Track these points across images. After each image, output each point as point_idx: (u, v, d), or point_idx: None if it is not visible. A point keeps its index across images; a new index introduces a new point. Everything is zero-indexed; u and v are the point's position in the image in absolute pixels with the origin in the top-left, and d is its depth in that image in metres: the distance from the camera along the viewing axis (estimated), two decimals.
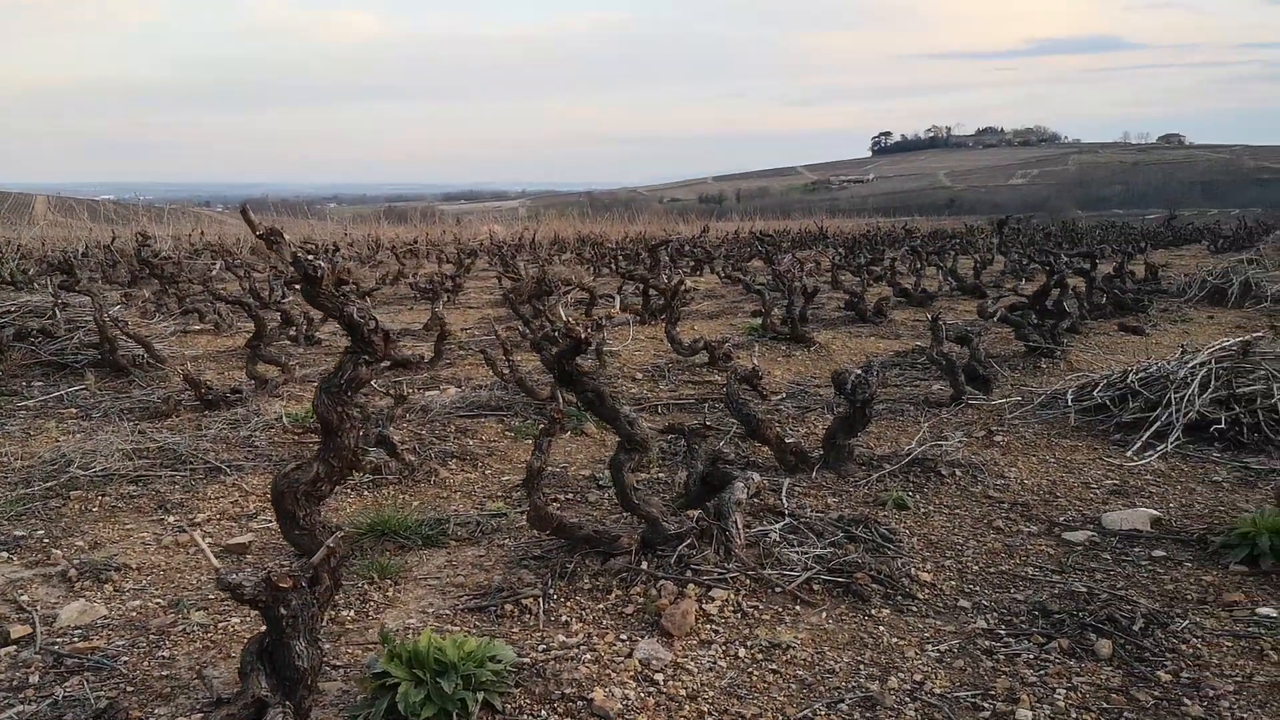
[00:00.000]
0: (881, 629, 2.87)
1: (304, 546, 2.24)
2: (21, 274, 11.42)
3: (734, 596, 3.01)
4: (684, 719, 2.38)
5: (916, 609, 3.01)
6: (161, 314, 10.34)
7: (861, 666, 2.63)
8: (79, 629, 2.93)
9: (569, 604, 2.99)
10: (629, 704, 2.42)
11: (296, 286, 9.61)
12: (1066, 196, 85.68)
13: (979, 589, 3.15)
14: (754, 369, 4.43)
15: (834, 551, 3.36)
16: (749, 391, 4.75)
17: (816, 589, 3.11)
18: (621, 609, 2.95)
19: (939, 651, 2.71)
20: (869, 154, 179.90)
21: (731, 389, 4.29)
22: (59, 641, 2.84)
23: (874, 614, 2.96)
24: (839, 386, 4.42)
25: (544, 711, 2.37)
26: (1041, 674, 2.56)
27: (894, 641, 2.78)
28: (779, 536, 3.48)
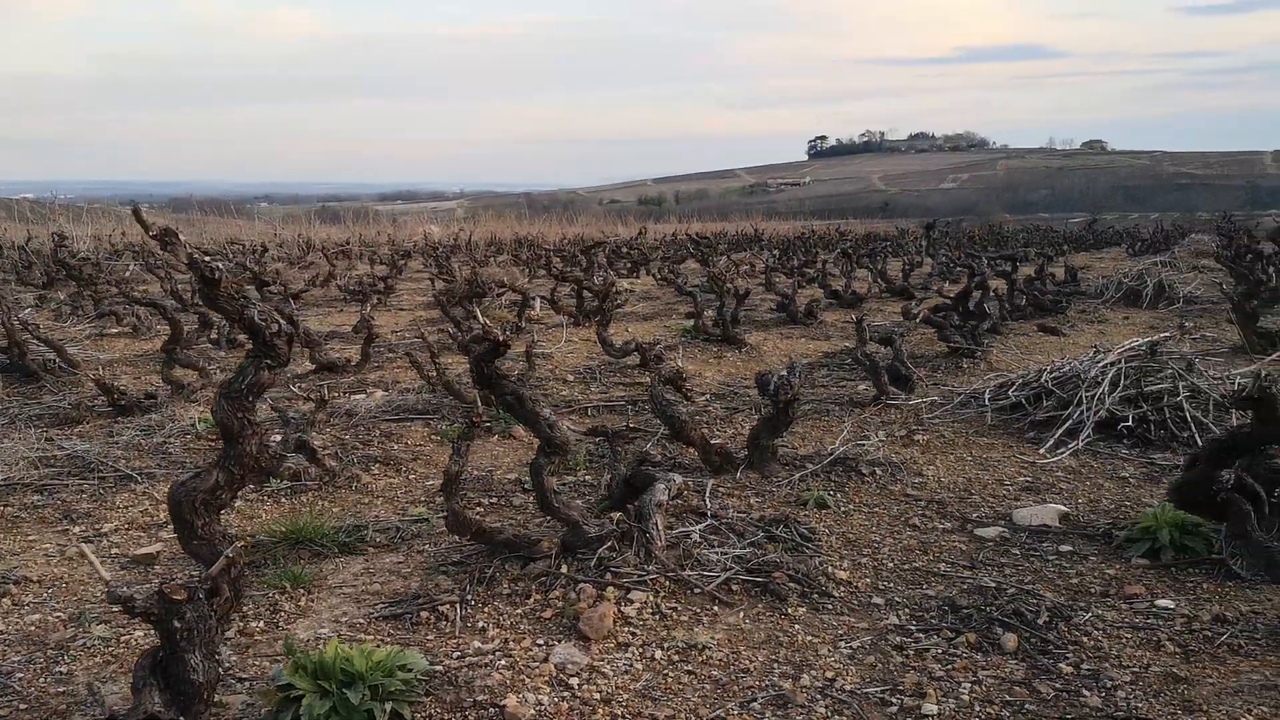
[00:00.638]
0: (797, 627, 2.90)
1: (203, 557, 2.18)
2: None
3: (653, 598, 3.02)
4: None
5: (832, 607, 3.05)
6: (77, 316, 9.98)
7: (776, 665, 2.66)
8: None
9: (487, 609, 2.96)
10: (542, 709, 2.41)
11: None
12: (995, 201, 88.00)
13: (893, 586, 3.21)
14: (678, 370, 4.45)
15: (754, 551, 3.39)
16: (674, 393, 4.77)
17: (735, 589, 3.13)
18: (540, 613, 2.94)
19: (851, 648, 2.75)
20: (805, 157, 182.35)
21: (656, 391, 4.31)
22: None
23: (790, 613, 3.00)
24: (762, 387, 4.47)
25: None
26: (948, 668, 2.62)
27: (809, 640, 2.81)
28: (700, 537, 3.50)
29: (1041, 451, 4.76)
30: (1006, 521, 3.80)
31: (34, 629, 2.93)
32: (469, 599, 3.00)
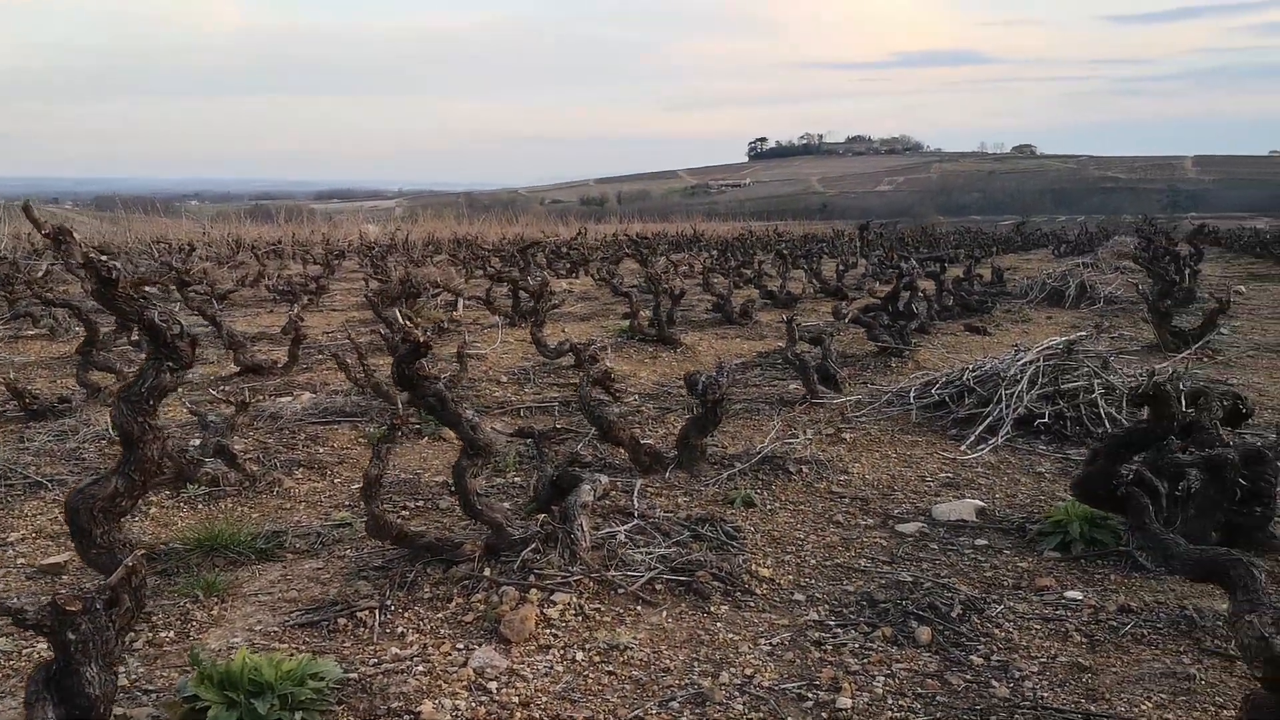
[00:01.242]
0: (719, 625, 2.92)
1: (103, 566, 2.11)
2: None
3: (576, 600, 3.01)
4: None
5: (754, 604, 3.08)
6: None
7: (696, 664, 2.67)
8: None
9: (407, 615, 2.92)
10: (459, 715, 2.38)
11: (148, 288, 9.05)
12: (930, 203, 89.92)
13: (814, 582, 3.25)
14: (607, 371, 4.45)
15: (679, 551, 3.41)
16: (604, 394, 4.78)
17: (659, 589, 3.14)
18: (461, 617, 2.91)
19: (771, 645, 2.78)
20: (746, 159, 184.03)
21: (584, 391, 4.30)
22: None
23: (713, 611, 3.01)
24: (691, 387, 4.49)
25: None
26: (864, 662, 2.66)
27: (730, 637, 2.83)
28: (626, 537, 3.50)
29: (963, 448, 4.88)
30: (926, 517, 3.88)
31: None
32: (389, 604, 2.96)
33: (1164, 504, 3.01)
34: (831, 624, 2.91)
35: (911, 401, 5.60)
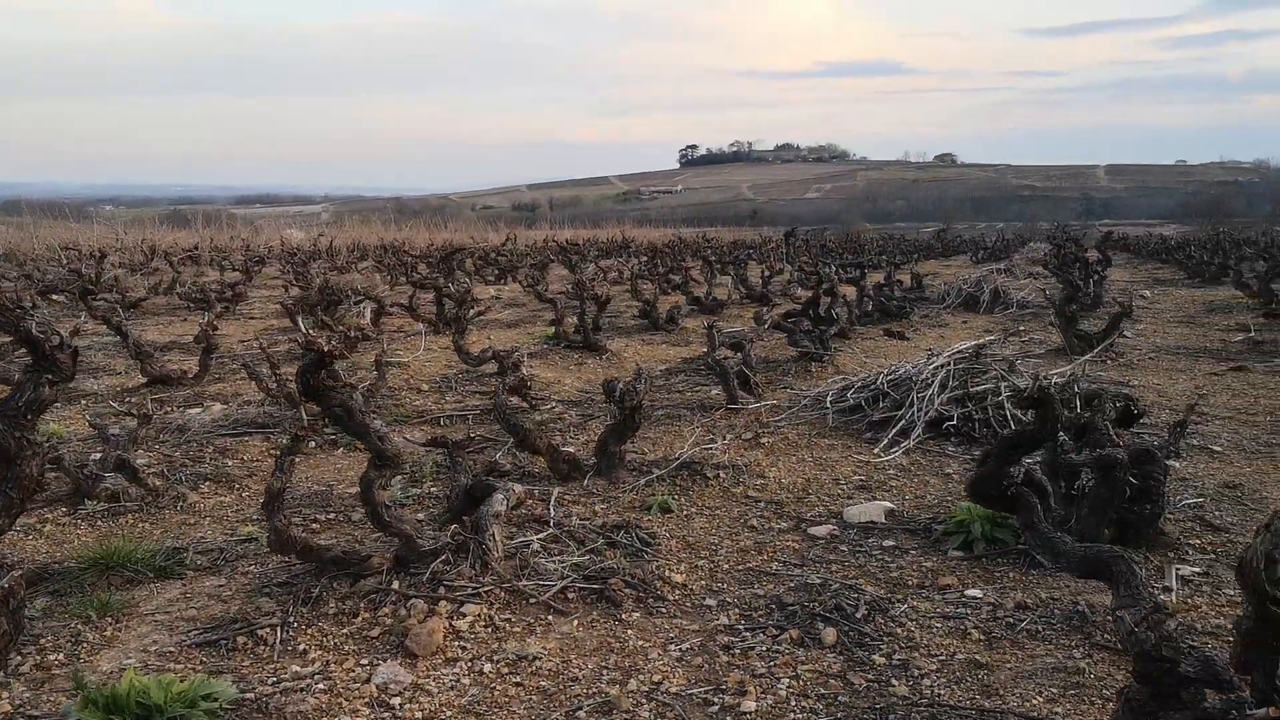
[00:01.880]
0: (630, 633, 2.92)
1: None
2: None
3: (487, 611, 2.98)
4: None
5: (666, 610, 3.09)
6: None
7: (605, 672, 2.67)
8: None
9: (310, 631, 2.86)
10: None
11: (55, 296, 8.66)
12: (856, 210, 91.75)
13: (726, 587, 3.28)
14: (523, 379, 4.43)
15: (593, 559, 3.41)
16: (521, 401, 4.75)
17: (572, 597, 3.13)
18: (367, 632, 2.85)
19: (681, 651, 2.80)
20: (677, 165, 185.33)
21: (499, 399, 4.27)
22: None
23: (625, 618, 3.02)
24: (609, 394, 4.49)
25: None
26: (771, 665, 2.69)
27: (640, 644, 2.84)
28: (540, 546, 3.48)
29: (876, 451, 4.98)
30: (838, 520, 3.95)
31: None
32: (292, 621, 2.89)
33: (1052, 503, 3.12)
34: (741, 628, 2.93)
35: (828, 406, 5.70)
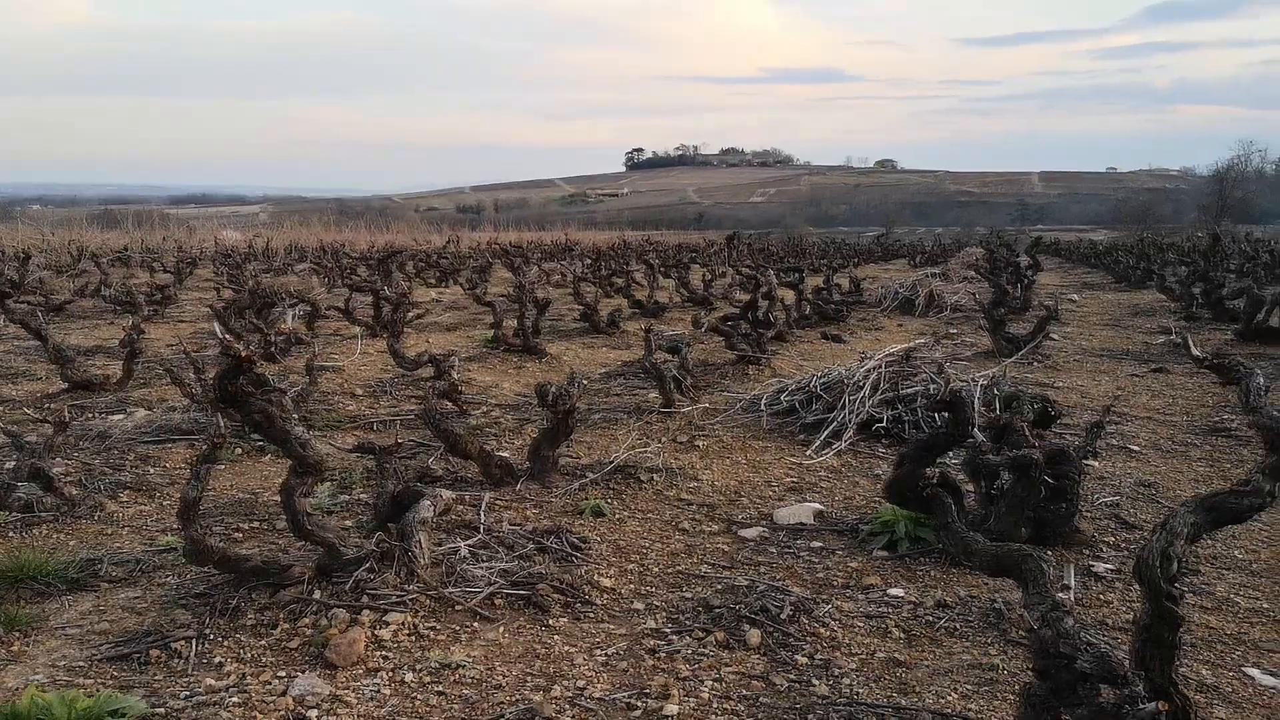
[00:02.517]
0: (557, 638, 2.91)
1: None
2: None
3: (411, 619, 2.94)
4: None
5: (594, 615, 3.08)
6: None
7: (529, 678, 2.66)
8: None
9: (227, 643, 2.79)
10: None
11: None
12: (800, 214, 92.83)
13: (655, 590, 3.29)
14: (454, 383, 4.38)
15: (521, 564, 3.38)
16: (451, 406, 4.70)
17: (499, 603, 3.11)
18: (286, 644, 2.80)
19: (607, 655, 2.79)
20: (623, 169, 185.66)
21: (429, 404, 4.22)
22: None
23: (552, 624, 3.00)
24: (542, 398, 4.47)
25: None
26: (695, 667, 2.70)
27: (566, 650, 2.83)
28: (469, 553, 3.45)
29: (809, 453, 5.04)
30: (768, 522, 3.99)
31: None
32: (208, 633, 2.82)
33: (967, 503, 3.19)
34: (668, 631, 2.94)
35: (763, 409, 5.75)
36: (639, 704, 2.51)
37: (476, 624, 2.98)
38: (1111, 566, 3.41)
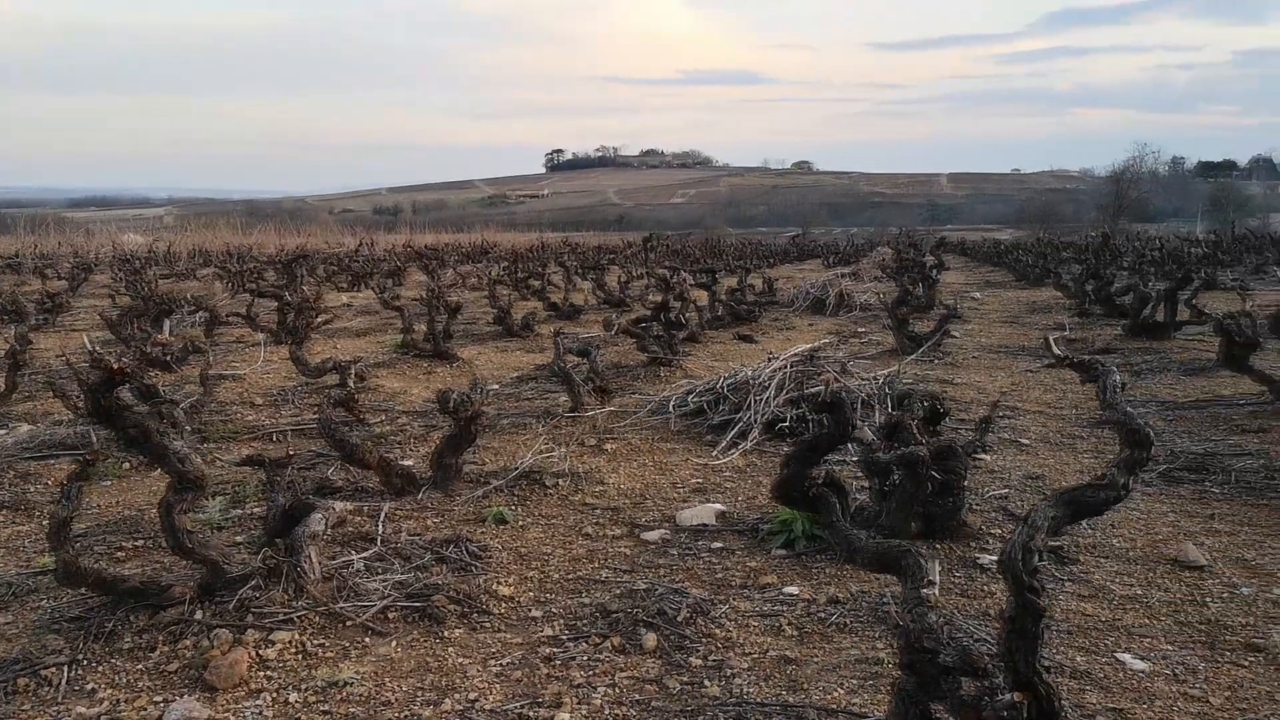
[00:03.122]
0: (451, 650, 2.87)
1: None
2: None
3: (299, 637, 2.87)
4: None
5: (490, 625, 3.05)
6: None
7: (420, 693, 2.61)
8: None
9: (102, 668, 2.68)
10: None
11: None
12: (720, 215, 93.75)
13: (554, 597, 3.27)
14: (349, 392, 4.30)
15: (417, 575, 3.33)
16: (348, 414, 4.61)
17: (393, 617, 3.06)
18: (165, 667, 2.70)
19: (501, 665, 2.77)
20: (544, 170, 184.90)
21: (325, 414, 4.13)
22: None
23: (447, 635, 2.96)
24: (443, 405, 4.41)
25: None
26: (590, 674, 2.70)
27: (460, 662, 2.79)
28: (364, 565, 3.38)
29: (715, 454, 5.09)
30: (671, 524, 4.01)
31: None
32: (81, 659, 2.70)
33: (851, 501, 3.26)
34: (565, 638, 2.93)
35: (671, 410, 5.78)
36: (531, 714, 2.49)
37: (368, 639, 2.92)
38: (996, 558, 3.52)
